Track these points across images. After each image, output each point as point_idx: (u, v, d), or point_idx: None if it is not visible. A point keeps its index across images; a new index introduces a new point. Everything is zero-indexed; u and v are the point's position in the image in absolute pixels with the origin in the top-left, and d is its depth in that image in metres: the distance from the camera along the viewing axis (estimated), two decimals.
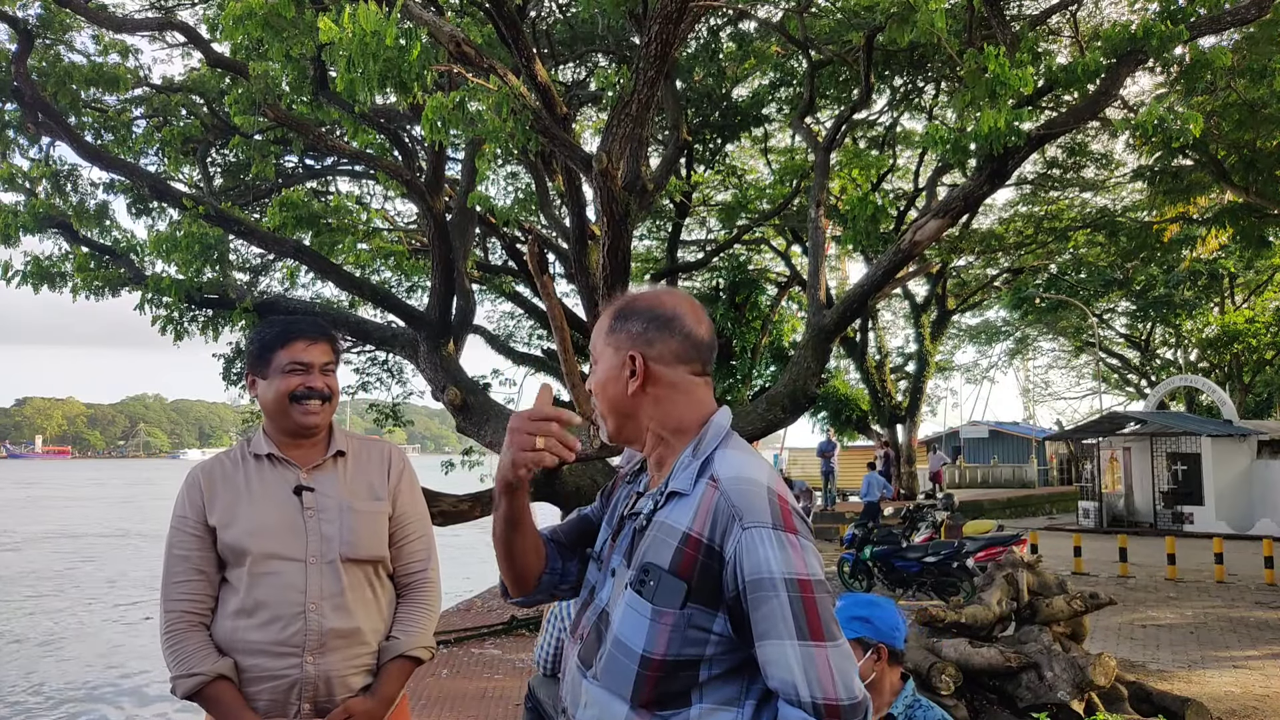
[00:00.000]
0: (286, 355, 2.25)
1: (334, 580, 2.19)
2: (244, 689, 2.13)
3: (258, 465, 2.27)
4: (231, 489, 2.24)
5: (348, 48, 6.28)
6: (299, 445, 2.29)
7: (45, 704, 9.38)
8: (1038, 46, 9.08)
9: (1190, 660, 8.06)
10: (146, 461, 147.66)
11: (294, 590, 2.15)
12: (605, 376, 1.53)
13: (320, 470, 2.29)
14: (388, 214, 17.74)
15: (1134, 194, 22.16)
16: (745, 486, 1.39)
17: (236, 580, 2.18)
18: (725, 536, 1.36)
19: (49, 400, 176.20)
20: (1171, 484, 20.14)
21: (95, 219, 11.61)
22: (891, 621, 2.70)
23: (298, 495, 2.23)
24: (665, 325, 1.51)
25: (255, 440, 2.32)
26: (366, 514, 2.27)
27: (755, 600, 1.33)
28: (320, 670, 2.14)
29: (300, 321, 2.35)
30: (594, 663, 1.45)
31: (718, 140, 17.50)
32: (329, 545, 2.20)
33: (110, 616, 14.24)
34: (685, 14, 7.54)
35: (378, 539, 2.28)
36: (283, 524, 2.20)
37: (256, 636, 2.13)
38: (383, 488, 2.33)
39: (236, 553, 2.18)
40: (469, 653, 8.94)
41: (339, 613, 2.17)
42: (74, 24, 11.30)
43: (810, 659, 1.30)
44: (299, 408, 2.24)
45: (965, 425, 44.88)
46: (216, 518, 2.20)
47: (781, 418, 9.96)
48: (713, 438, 1.48)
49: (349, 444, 2.36)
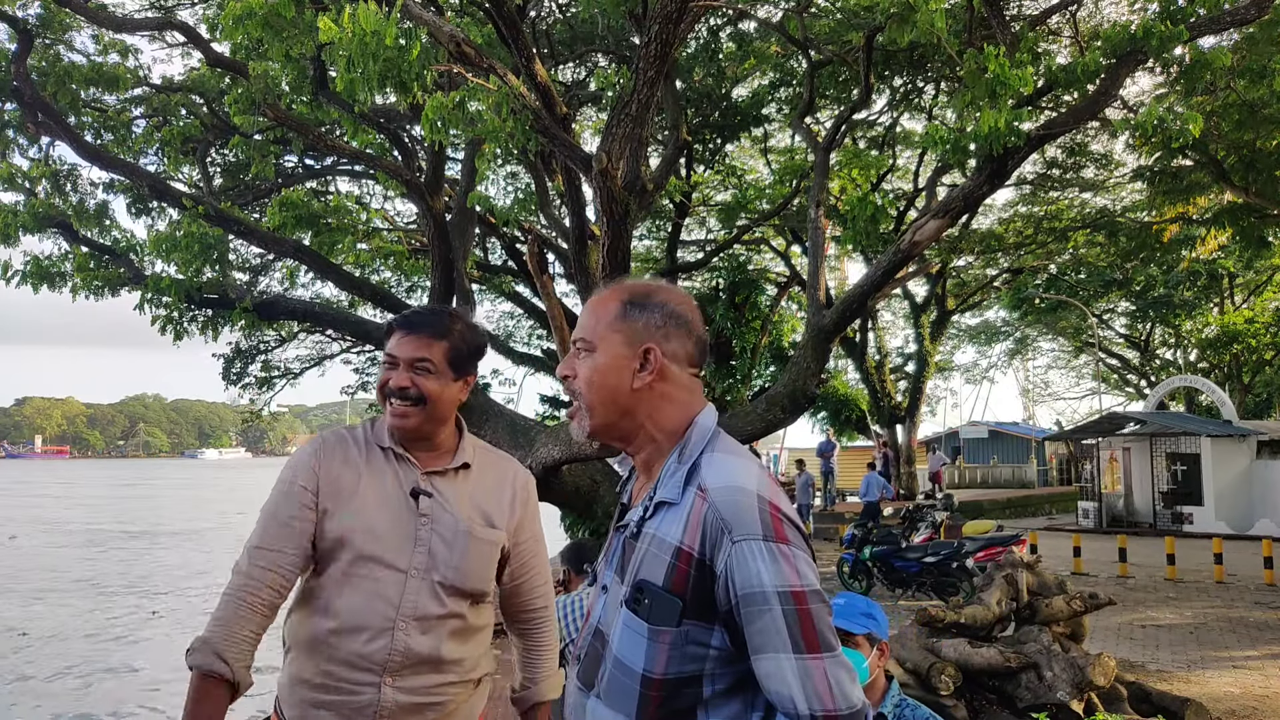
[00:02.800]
0: (388, 345, 2.07)
1: (431, 601, 1.99)
2: (317, 695, 1.97)
3: (379, 456, 2.08)
4: (352, 472, 2.04)
5: (348, 48, 6.28)
6: (418, 446, 2.09)
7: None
8: (1038, 46, 9.08)
9: (1190, 660, 8.06)
10: (149, 461, 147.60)
11: (387, 603, 1.96)
12: (609, 365, 1.45)
13: (442, 478, 2.09)
14: (387, 214, 17.75)
15: (1134, 194, 22.17)
16: (734, 496, 1.35)
17: (327, 575, 2.00)
18: (716, 550, 1.33)
19: (48, 400, 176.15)
20: (1171, 484, 20.14)
21: (95, 219, 11.62)
22: (886, 620, 2.80)
23: (415, 499, 2.04)
24: (682, 324, 1.48)
25: (379, 429, 2.11)
26: (483, 542, 2.07)
27: (749, 614, 1.31)
28: (398, 696, 1.96)
29: (414, 312, 2.15)
30: (595, 683, 1.43)
31: (717, 140, 17.50)
32: (436, 562, 2.01)
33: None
34: (685, 14, 7.54)
35: (486, 571, 2.09)
36: (393, 528, 2.01)
37: (338, 643, 1.96)
38: (502, 516, 2.13)
39: (336, 545, 1.99)
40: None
41: (429, 637, 1.98)
42: (74, 24, 11.30)
43: (807, 672, 1.28)
44: (389, 407, 2.05)
45: (965, 425, 44.91)
46: (325, 497, 2.02)
47: (781, 418, 9.96)
48: (698, 440, 1.44)
49: (476, 457, 2.16)
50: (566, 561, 4.45)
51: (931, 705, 3.93)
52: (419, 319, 2.09)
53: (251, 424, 21.26)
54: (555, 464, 10.43)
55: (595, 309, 1.51)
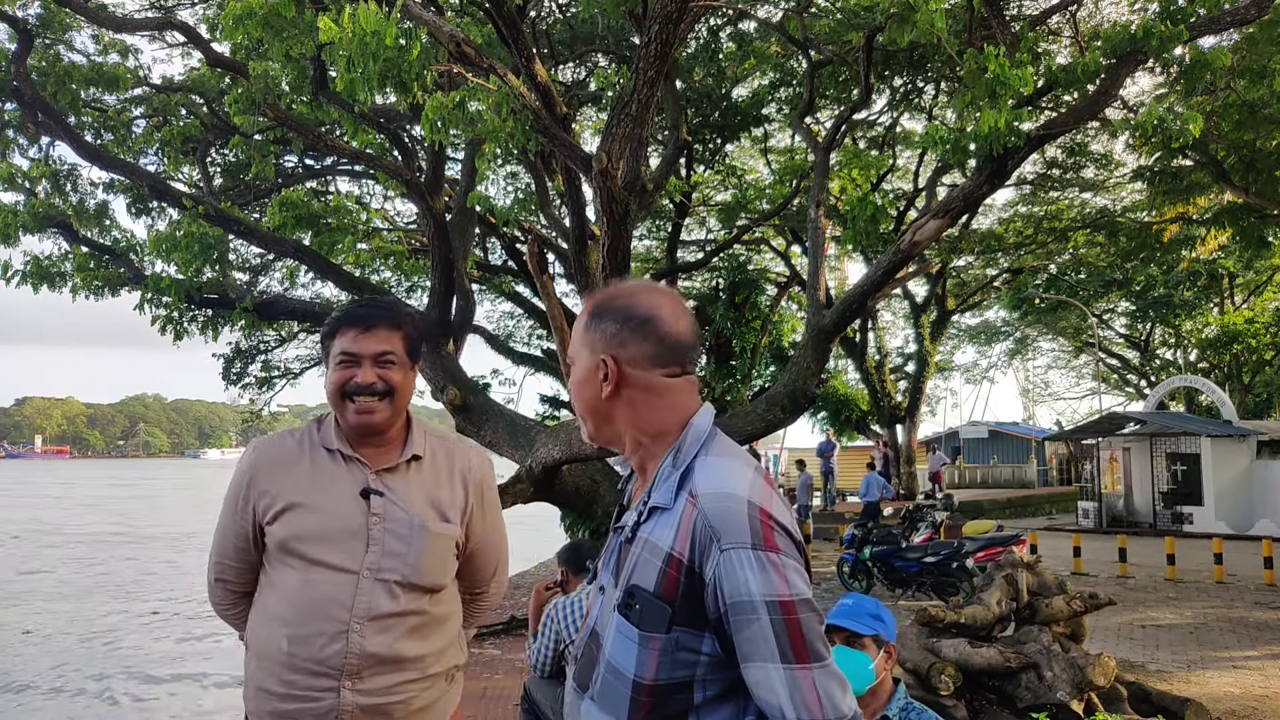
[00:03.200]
0: (337, 346, 2.03)
1: (387, 600, 1.98)
2: (280, 705, 1.97)
3: (325, 458, 2.05)
4: (291, 478, 2.03)
5: (348, 48, 6.28)
6: (369, 444, 2.07)
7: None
8: (1038, 46, 9.09)
9: (1189, 660, 8.06)
10: (149, 461, 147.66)
11: (340, 606, 1.96)
12: (580, 378, 1.49)
13: (393, 474, 2.06)
14: (387, 214, 17.77)
15: (1134, 194, 22.18)
16: (724, 504, 1.34)
17: (280, 580, 2.01)
18: (704, 558, 1.33)
19: (49, 400, 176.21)
20: (1171, 484, 20.13)
21: (95, 219, 11.63)
22: (894, 622, 2.79)
23: (365, 499, 2.02)
24: (639, 327, 1.45)
25: (325, 430, 2.09)
26: (438, 536, 2.05)
27: (737, 623, 1.30)
28: (358, 699, 1.95)
29: (359, 307, 2.10)
30: (590, 684, 1.44)
31: (717, 140, 17.51)
32: (390, 561, 1.99)
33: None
34: (685, 14, 7.55)
35: (444, 564, 2.08)
36: (343, 530, 1.99)
37: (295, 650, 1.96)
38: (455, 508, 2.10)
39: (284, 550, 1.99)
40: (468, 652, 8.94)
41: (385, 636, 1.98)
42: (74, 23, 11.31)
43: (795, 682, 1.28)
44: (350, 405, 2.02)
45: (965, 425, 44.90)
46: (266, 506, 2.01)
47: (781, 418, 9.97)
48: (692, 443, 1.43)
49: (428, 447, 2.13)
50: (564, 562, 4.42)
51: (931, 705, 3.93)
52: (373, 314, 2.07)
53: (252, 424, 21.25)
54: (555, 464, 10.43)
55: (576, 323, 1.54)
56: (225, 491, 2.11)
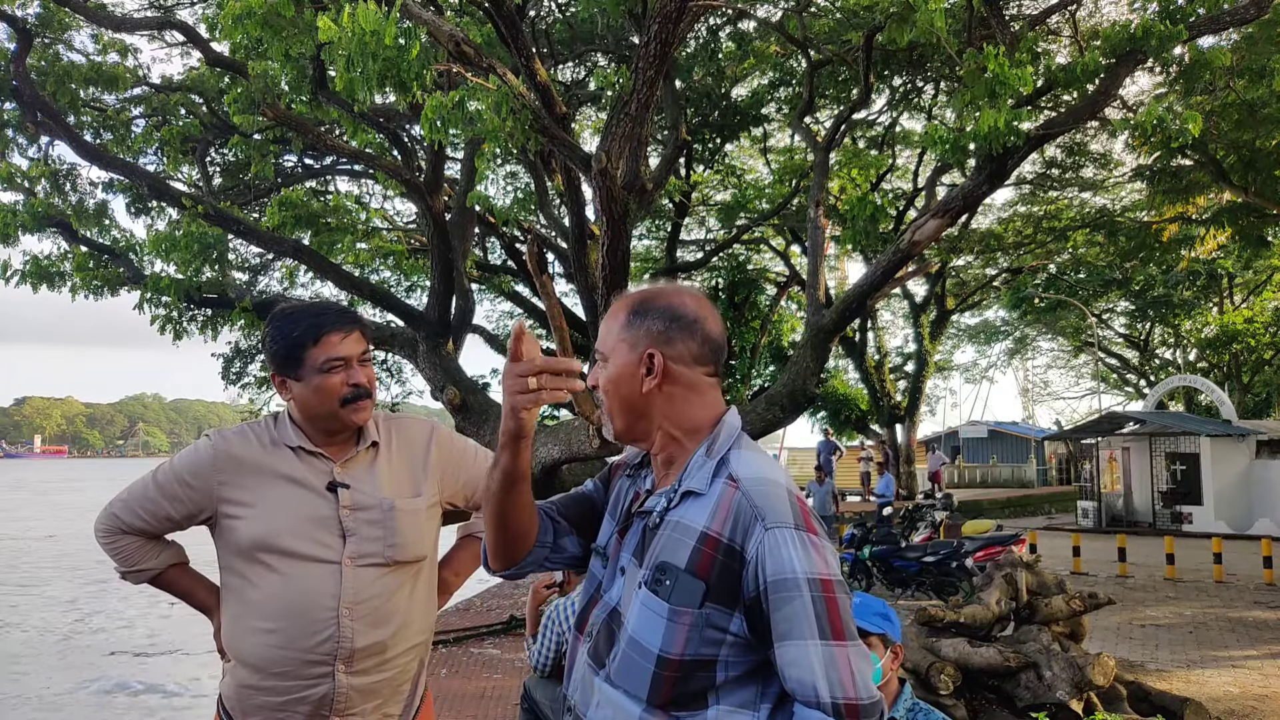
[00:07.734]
0: (321, 352, 2.04)
1: (371, 584, 2.03)
2: (270, 699, 2.00)
3: (289, 455, 2.08)
4: (257, 475, 2.05)
5: (347, 47, 6.28)
6: (331, 440, 2.11)
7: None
8: (1037, 46, 9.09)
9: (1189, 660, 8.06)
10: (150, 460, 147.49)
11: (328, 596, 1.99)
12: (619, 373, 1.52)
13: (354, 463, 2.10)
14: (387, 214, 17.75)
15: (1133, 194, 22.19)
16: (767, 487, 1.40)
17: (259, 580, 2.01)
18: (747, 536, 1.37)
19: (48, 400, 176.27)
20: (1170, 484, 20.13)
21: (94, 218, 11.63)
22: (900, 623, 2.80)
23: (333, 492, 2.05)
24: (687, 326, 1.51)
25: (282, 429, 2.12)
26: (411, 513, 2.11)
27: (777, 600, 1.34)
28: (353, 681, 2.00)
29: (327, 313, 2.11)
30: (607, 662, 1.45)
31: (717, 140, 17.52)
32: (370, 546, 2.04)
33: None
34: (685, 13, 7.55)
35: (423, 538, 2.13)
36: (315, 524, 2.02)
37: (285, 651, 1.98)
38: (422, 478, 2.16)
39: (257, 550, 2.00)
40: (468, 652, 8.93)
41: (374, 618, 2.02)
42: (73, 23, 11.31)
43: (833, 659, 1.32)
44: (350, 409, 2.06)
45: (964, 425, 44.88)
46: (231, 505, 2.03)
47: (781, 417, 9.98)
48: (726, 438, 1.49)
49: (383, 432, 2.17)
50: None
51: (931, 705, 3.93)
52: (346, 316, 2.12)
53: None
54: (555, 464, 10.44)
55: (607, 321, 1.57)
56: (169, 463, 2.11)
